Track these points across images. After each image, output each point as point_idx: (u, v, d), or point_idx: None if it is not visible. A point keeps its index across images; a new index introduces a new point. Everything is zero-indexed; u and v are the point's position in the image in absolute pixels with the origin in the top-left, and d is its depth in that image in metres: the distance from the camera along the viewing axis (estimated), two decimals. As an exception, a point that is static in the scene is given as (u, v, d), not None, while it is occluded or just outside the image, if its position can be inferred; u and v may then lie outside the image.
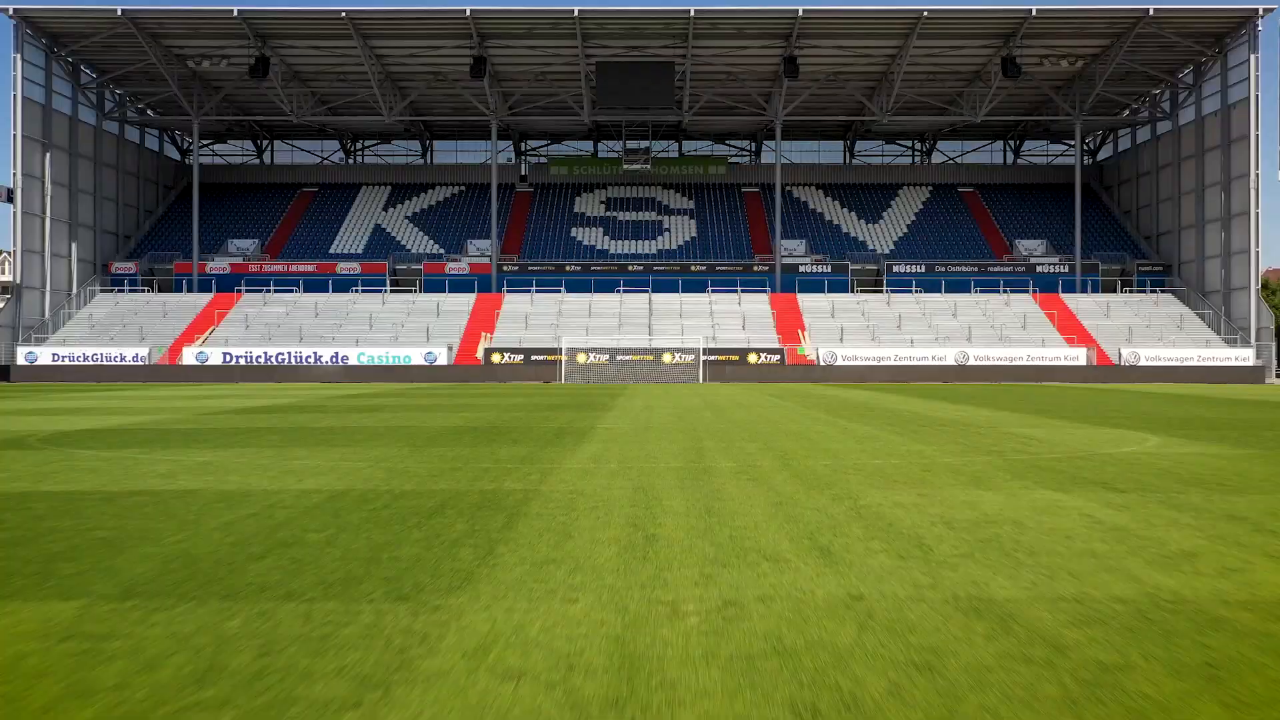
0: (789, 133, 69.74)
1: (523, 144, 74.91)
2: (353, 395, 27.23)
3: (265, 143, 74.50)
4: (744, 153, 75.33)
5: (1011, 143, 74.18)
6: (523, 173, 73.61)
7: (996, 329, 55.65)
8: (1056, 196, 70.51)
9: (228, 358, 51.89)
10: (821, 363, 51.83)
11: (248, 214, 69.24)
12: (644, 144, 70.14)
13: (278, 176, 73.38)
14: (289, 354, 51.97)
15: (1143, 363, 51.75)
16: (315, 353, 52.14)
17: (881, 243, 67.35)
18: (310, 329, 55.58)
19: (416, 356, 52.18)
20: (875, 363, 51.58)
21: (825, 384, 42.37)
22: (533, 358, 51.49)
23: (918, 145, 75.01)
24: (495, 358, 51.69)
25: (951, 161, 74.83)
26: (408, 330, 55.73)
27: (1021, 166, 74.14)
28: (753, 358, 51.98)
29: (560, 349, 50.73)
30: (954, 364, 51.49)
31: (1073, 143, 71.80)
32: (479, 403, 22.48)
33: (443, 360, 51.99)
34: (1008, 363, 51.60)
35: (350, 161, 74.97)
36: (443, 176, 73.49)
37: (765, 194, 71.19)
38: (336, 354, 52.13)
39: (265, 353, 52.12)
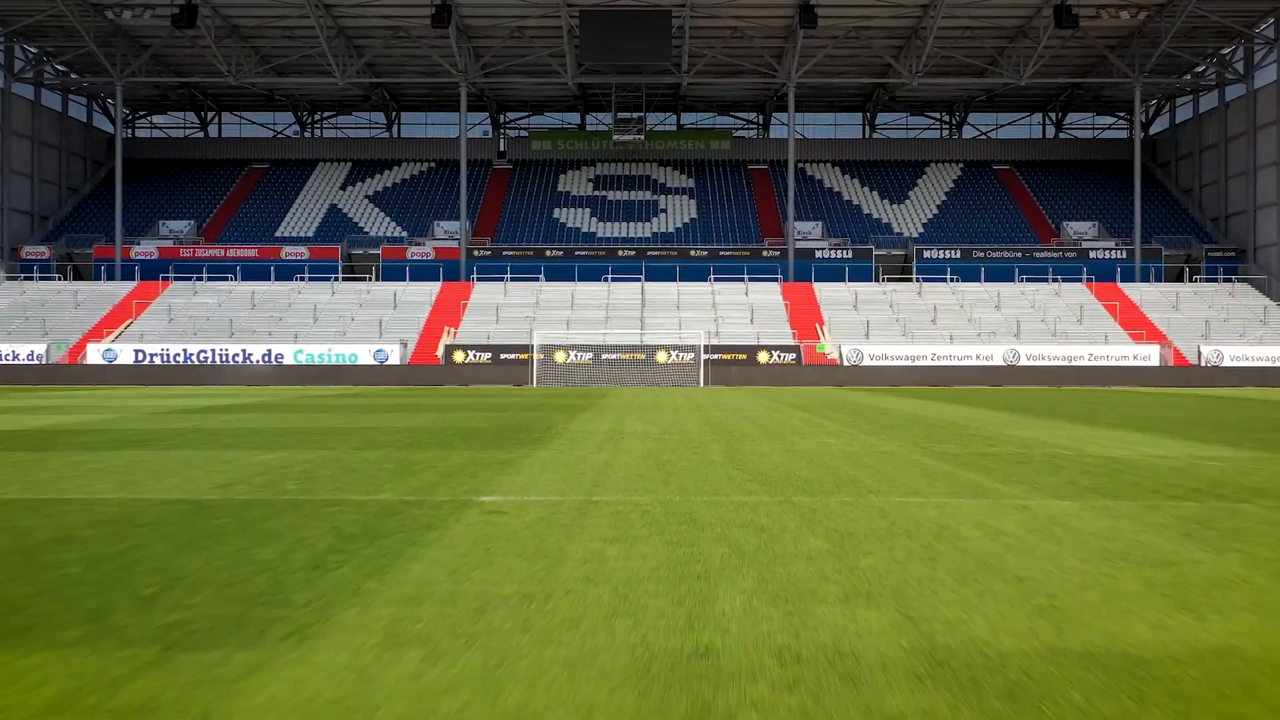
0: (802, 102, 61.53)
1: (501, 116, 66.75)
2: (202, 409, 19.02)
3: (211, 115, 66.23)
4: (751, 125, 67.11)
5: (1052, 115, 65.91)
6: (500, 149, 65.49)
7: (1049, 323, 47.44)
8: (1104, 174, 62.35)
9: (140, 356, 43.71)
10: (845, 362, 43.65)
11: (187, 192, 60.97)
12: (637, 115, 61.92)
13: (224, 151, 65.11)
14: (213, 352, 43.86)
15: (1227, 363, 43.63)
16: (245, 350, 44.03)
17: (909, 225, 59.14)
18: (244, 322, 47.39)
19: (365, 354, 44.05)
20: (909, 363, 43.42)
21: (859, 389, 34.19)
22: (502, 356, 43.36)
23: (946, 118, 66.78)
24: (458, 356, 43.53)
25: (984, 136, 66.66)
26: (358, 324, 47.55)
27: (1064, 141, 65.84)
28: (763, 356, 43.84)
29: (533, 345, 42.61)
30: (1003, 364, 43.32)
31: (1122, 114, 63.99)
32: (352, 425, 14.25)
33: (395, 359, 43.87)
34: (1066, 363, 43.43)
35: (306, 135, 66.68)
36: (410, 152, 65.25)
37: (775, 171, 63.03)
38: (269, 352, 43.97)
39: (185, 350, 43.98)
